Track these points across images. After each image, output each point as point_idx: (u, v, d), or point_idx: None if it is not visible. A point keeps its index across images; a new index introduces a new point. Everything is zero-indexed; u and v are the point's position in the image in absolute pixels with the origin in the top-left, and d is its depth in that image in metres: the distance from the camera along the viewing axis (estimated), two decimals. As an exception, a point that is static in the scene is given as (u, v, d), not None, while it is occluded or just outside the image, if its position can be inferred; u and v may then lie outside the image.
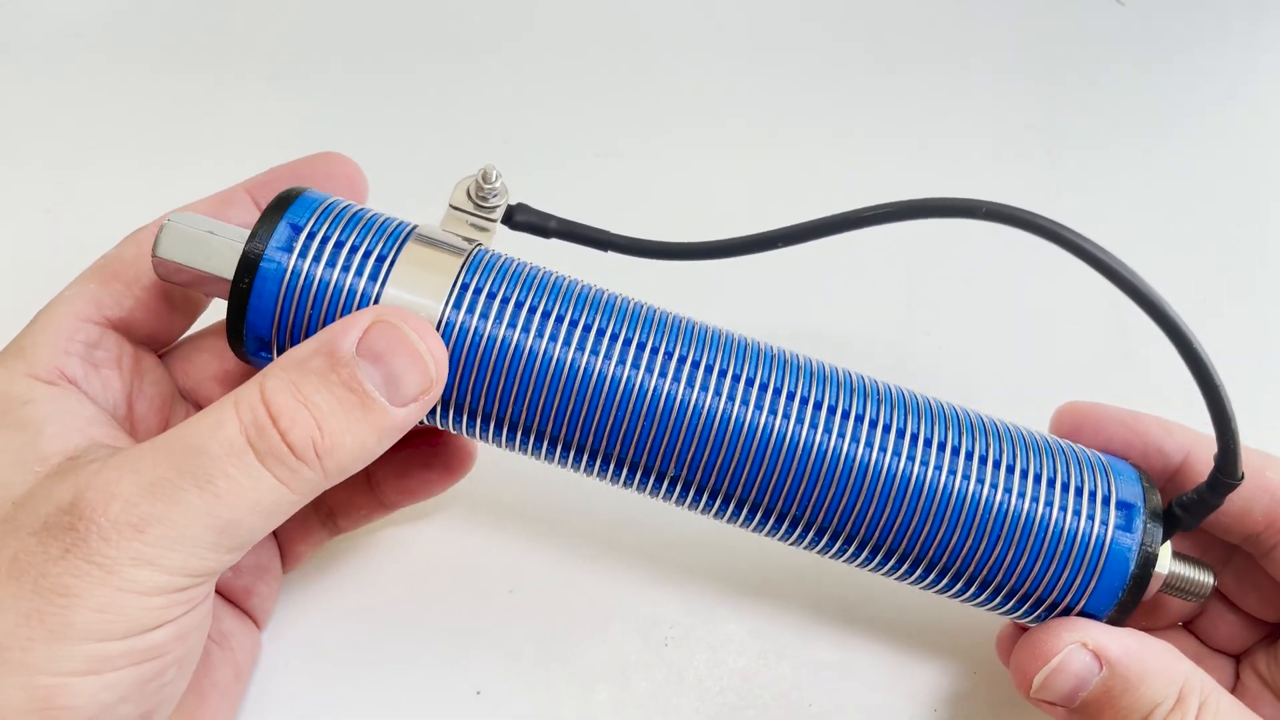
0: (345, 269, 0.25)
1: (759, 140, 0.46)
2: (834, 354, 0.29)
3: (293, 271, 0.25)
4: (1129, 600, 0.26)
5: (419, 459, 0.30)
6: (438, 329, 0.25)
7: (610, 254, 0.29)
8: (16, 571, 0.21)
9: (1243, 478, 0.25)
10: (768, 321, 0.40)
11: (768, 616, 0.33)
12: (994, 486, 0.26)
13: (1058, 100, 0.49)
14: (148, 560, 0.21)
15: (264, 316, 0.25)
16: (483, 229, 0.27)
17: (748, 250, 0.29)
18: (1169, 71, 0.51)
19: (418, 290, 0.25)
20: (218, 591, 0.29)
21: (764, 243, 0.28)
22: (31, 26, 0.46)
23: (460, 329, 0.25)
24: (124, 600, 0.21)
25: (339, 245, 0.25)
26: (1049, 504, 0.26)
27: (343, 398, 0.22)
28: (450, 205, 0.27)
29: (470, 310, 0.25)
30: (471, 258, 0.26)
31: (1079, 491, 0.26)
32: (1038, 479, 0.26)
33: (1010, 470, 0.26)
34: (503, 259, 0.27)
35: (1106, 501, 0.26)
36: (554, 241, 0.29)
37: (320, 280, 0.25)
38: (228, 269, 0.25)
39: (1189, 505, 0.26)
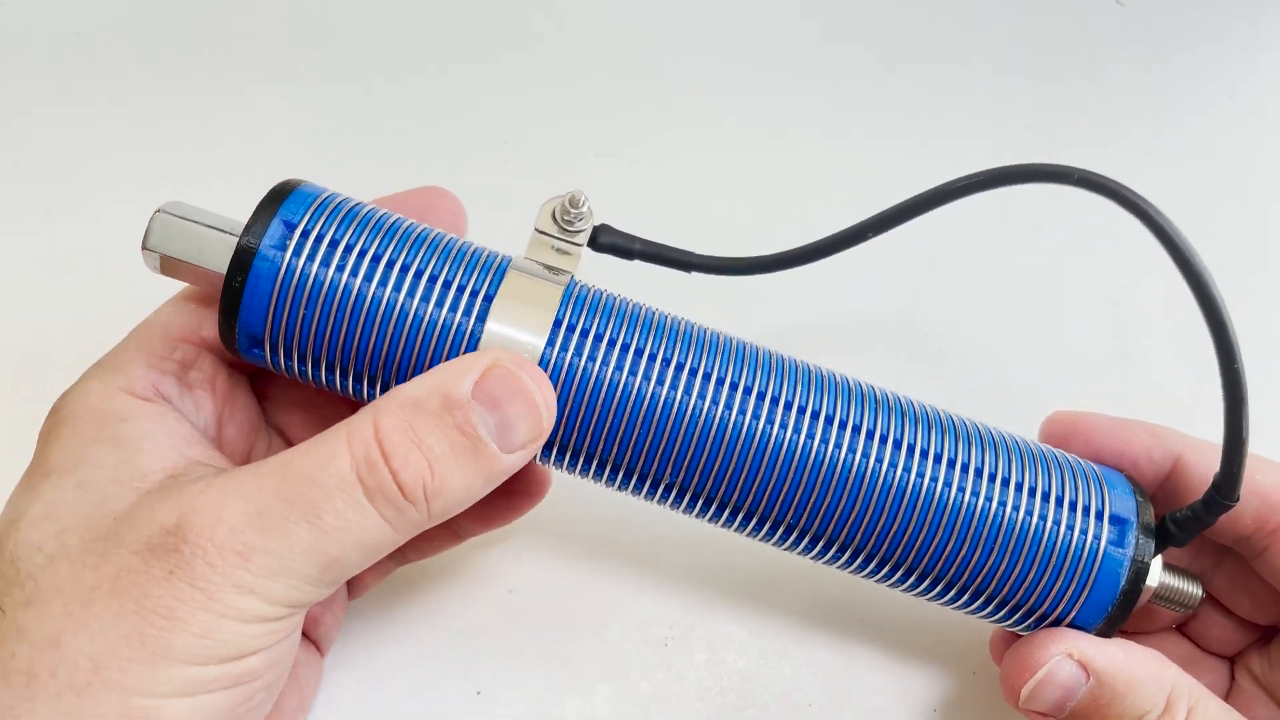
0: (340, 269, 0.25)
1: (759, 140, 0.46)
2: (834, 353, 0.29)
3: (287, 269, 0.24)
4: (1118, 614, 0.26)
5: (499, 488, 0.30)
6: (543, 363, 0.25)
7: (609, 254, 0.29)
8: (119, 590, 0.21)
9: (1238, 500, 0.25)
10: (768, 320, 0.40)
11: (768, 616, 0.33)
12: (988, 499, 0.26)
13: (1058, 100, 0.49)
14: (250, 589, 0.21)
15: (258, 314, 0.25)
16: (567, 253, 0.27)
17: (833, 250, 0.29)
18: (1169, 71, 0.51)
19: (521, 326, 0.25)
20: None
21: (852, 237, 0.28)
22: (31, 26, 0.46)
23: (560, 367, 0.25)
24: (224, 626, 0.21)
25: (334, 244, 0.25)
26: (1043, 518, 0.26)
27: (455, 441, 0.22)
28: (536, 229, 0.27)
29: (569, 349, 0.25)
30: (568, 293, 0.26)
31: (1073, 506, 0.26)
32: (1032, 493, 0.26)
33: (1005, 484, 0.26)
34: (594, 293, 0.27)
35: (1100, 516, 0.26)
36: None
37: (315, 279, 0.24)
38: (221, 264, 0.25)
39: (1182, 522, 0.26)
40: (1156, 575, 0.26)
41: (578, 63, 0.48)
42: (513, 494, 0.30)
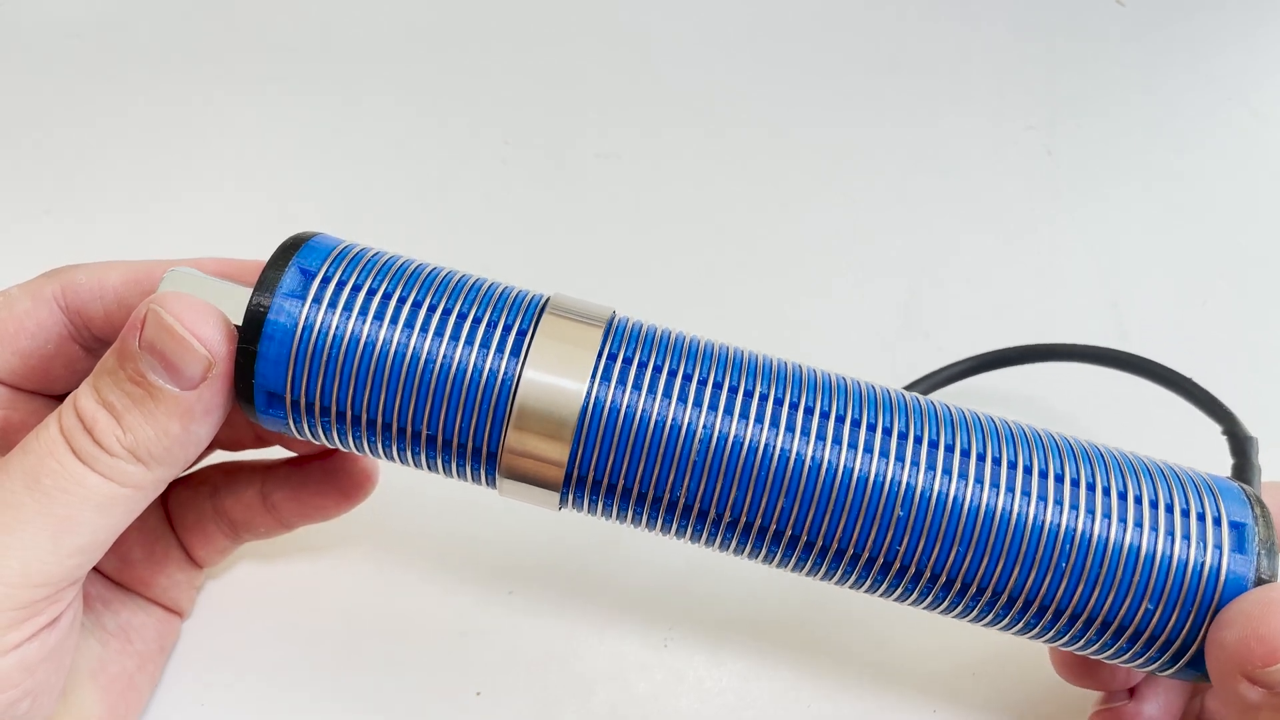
0: (362, 317, 0.23)
1: (759, 140, 0.46)
2: (833, 356, 0.29)
3: (305, 324, 0.23)
4: None
5: (313, 483, 0.30)
6: (585, 408, 0.23)
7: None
8: None
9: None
10: (768, 325, 0.40)
11: (767, 617, 0.33)
12: (1090, 512, 0.23)
13: (1058, 100, 0.49)
14: None
15: (278, 371, 0.23)
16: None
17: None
18: (1169, 71, 0.51)
19: (559, 371, 0.23)
20: (115, 581, 0.29)
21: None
22: (31, 27, 0.46)
23: (604, 410, 0.23)
24: None
25: (337, 345, 0.23)
26: (1154, 528, 0.23)
27: (131, 392, 0.23)
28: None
29: (611, 390, 0.23)
30: (610, 330, 0.24)
31: (1185, 513, 0.23)
32: (1139, 501, 0.23)
33: (1111, 494, 0.23)
34: (639, 326, 0.25)
35: (1218, 522, 0.23)
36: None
37: (336, 333, 0.23)
38: (236, 315, 0.23)
39: None
40: None
41: (578, 63, 0.48)
42: (326, 493, 0.30)
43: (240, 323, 0.23)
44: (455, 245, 0.41)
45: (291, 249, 0.24)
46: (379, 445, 0.24)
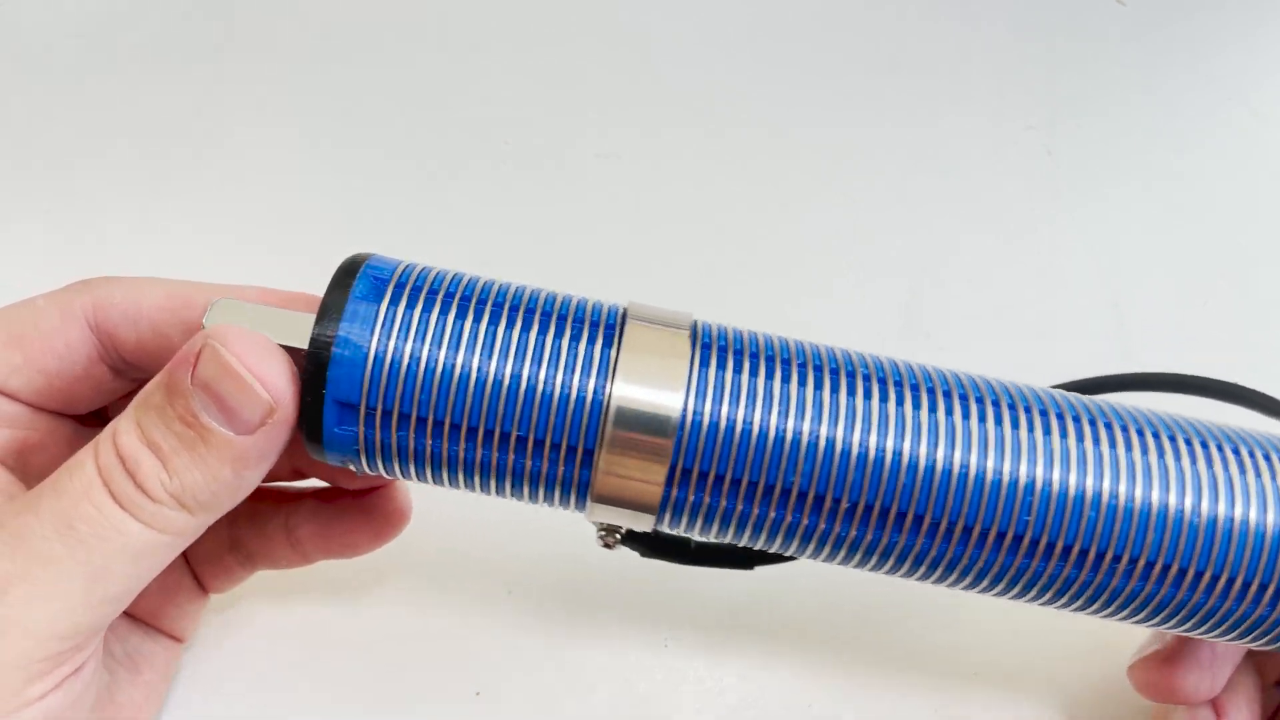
0: (437, 343, 0.21)
1: (759, 141, 0.46)
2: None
3: (380, 334, 0.21)
4: None
5: (345, 519, 0.28)
6: (683, 421, 0.21)
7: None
8: None
9: None
10: (769, 325, 0.40)
11: (768, 617, 0.33)
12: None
13: (1058, 100, 0.49)
14: (12, 621, 0.20)
15: (353, 382, 0.21)
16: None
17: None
18: (1169, 71, 0.51)
19: (653, 384, 0.21)
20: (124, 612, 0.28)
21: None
22: (31, 27, 0.46)
23: (704, 422, 0.21)
24: None
25: (412, 374, 0.21)
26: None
27: (181, 433, 0.21)
28: None
29: (709, 399, 0.21)
30: (697, 334, 0.23)
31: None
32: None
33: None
34: (725, 329, 0.23)
35: None
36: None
37: (411, 358, 0.21)
38: (301, 338, 0.21)
39: None
40: None
41: (578, 63, 0.48)
42: (356, 531, 0.28)
43: (305, 347, 0.21)
44: (455, 245, 0.41)
45: (350, 272, 0.22)
46: (459, 475, 0.23)
